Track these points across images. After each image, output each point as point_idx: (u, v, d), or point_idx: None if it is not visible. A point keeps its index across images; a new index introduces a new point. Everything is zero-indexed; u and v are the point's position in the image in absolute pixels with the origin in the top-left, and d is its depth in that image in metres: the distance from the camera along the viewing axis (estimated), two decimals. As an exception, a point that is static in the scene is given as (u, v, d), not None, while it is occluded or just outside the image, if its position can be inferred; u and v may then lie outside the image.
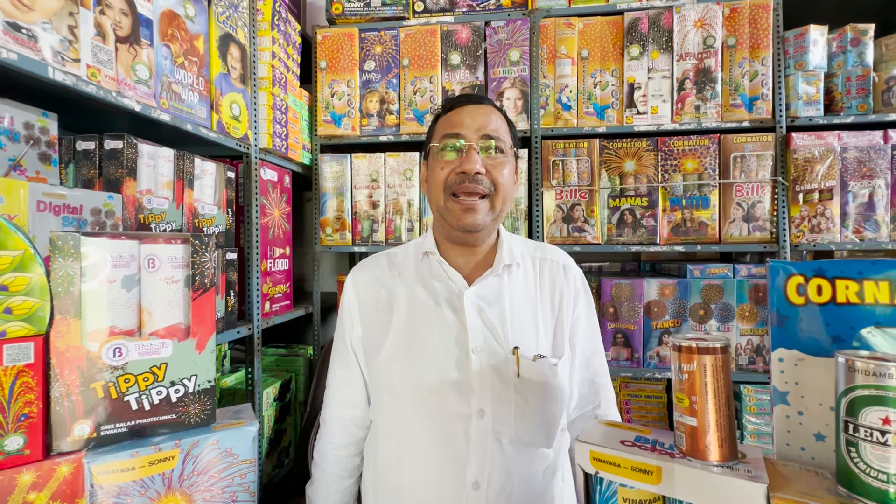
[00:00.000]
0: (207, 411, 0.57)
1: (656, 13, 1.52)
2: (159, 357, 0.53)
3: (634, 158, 1.55)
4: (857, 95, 1.45)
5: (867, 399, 0.38)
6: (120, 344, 0.51)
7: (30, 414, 0.46)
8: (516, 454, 0.68)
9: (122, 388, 0.52)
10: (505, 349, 0.71)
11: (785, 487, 0.40)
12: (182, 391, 0.55)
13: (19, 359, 0.45)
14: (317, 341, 1.73)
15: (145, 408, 0.53)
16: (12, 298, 0.45)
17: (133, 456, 0.50)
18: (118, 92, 0.95)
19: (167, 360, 0.54)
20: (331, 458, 0.81)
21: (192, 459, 0.54)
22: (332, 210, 1.69)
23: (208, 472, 0.54)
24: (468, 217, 0.72)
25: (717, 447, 0.44)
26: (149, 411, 0.53)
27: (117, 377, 0.51)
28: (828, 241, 1.45)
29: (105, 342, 0.51)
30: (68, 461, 0.48)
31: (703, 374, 0.44)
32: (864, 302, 0.44)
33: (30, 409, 0.46)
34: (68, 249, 0.49)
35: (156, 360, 0.53)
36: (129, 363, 0.52)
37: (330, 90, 1.68)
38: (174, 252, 0.55)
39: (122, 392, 0.52)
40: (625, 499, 0.46)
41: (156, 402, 0.53)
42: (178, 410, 0.55)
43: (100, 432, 0.51)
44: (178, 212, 1.08)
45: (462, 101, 0.78)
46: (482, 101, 0.78)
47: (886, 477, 0.36)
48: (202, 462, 0.54)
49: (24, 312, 0.46)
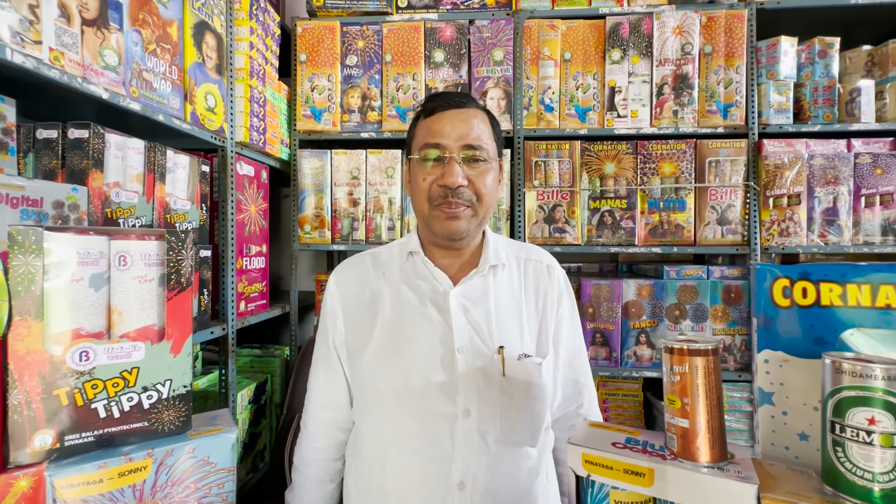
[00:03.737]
0: (182, 418, 0.54)
1: (637, 19, 1.55)
2: (130, 361, 0.50)
3: (614, 161, 1.57)
4: (823, 105, 1.52)
5: (853, 400, 0.39)
6: (87, 347, 0.48)
7: None
8: (501, 453, 0.68)
9: (89, 394, 0.48)
10: (490, 349, 0.70)
11: (774, 488, 0.40)
12: (155, 397, 0.51)
13: None
14: (294, 342, 1.69)
15: (114, 415, 0.49)
16: None
17: (100, 467, 0.47)
18: (84, 78, 0.90)
19: (139, 365, 0.50)
20: (312, 462, 0.79)
21: (166, 469, 0.50)
22: (311, 207, 1.65)
23: (183, 483, 0.51)
24: (452, 225, 0.71)
25: (709, 449, 0.44)
26: (118, 419, 0.49)
27: (83, 383, 0.48)
28: (795, 244, 1.51)
29: (70, 345, 0.47)
30: (27, 475, 0.44)
31: (695, 377, 0.44)
32: (847, 304, 0.46)
33: None
34: (29, 245, 0.45)
35: (126, 365, 0.50)
36: (97, 368, 0.48)
37: (310, 84, 1.63)
38: (148, 249, 0.51)
39: (89, 399, 0.48)
40: (617, 501, 0.46)
41: (126, 409, 0.50)
42: (151, 418, 0.52)
43: (63, 442, 0.47)
44: (148, 206, 1.03)
45: (443, 104, 0.74)
46: (464, 103, 0.75)
47: (872, 476, 0.37)
48: (177, 472, 0.51)
49: (-22, 314, 0.42)
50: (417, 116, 0.79)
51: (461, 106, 0.74)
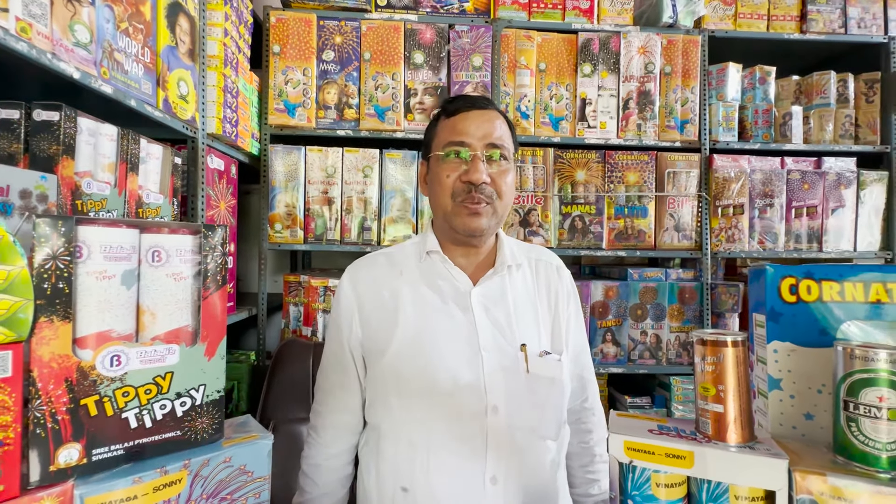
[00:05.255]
0: (216, 425, 0.50)
1: (606, 36, 1.65)
2: (164, 365, 0.45)
3: (585, 168, 1.66)
4: (762, 126, 1.70)
5: (864, 381, 0.45)
6: (118, 351, 0.42)
7: (5, 440, 0.36)
8: (528, 447, 0.70)
9: (120, 403, 0.43)
10: (512, 346, 0.72)
11: (799, 462, 0.46)
12: (189, 403, 0.47)
13: None
14: (262, 346, 1.61)
15: (146, 425, 0.44)
16: None
17: (135, 483, 0.42)
18: (53, 54, 0.81)
19: (173, 369, 0.45)
20: (324, 469, 0.76)
21: (202, 481, 0.46)
22: (282, 205, 1.58)
23: (219, 495, 0.47)
24: (474, 222, 0.72)
25: (741, 430, 0.49)
26: (150, 429, 0.44)
27: (114, 390, 0.42)
28: (739, 249, 1.68)
29: (100, 349, 0.42)
30: (52, 495, 0.39)
31: (728, 364, 0.49)
32: (845, 300, 0.53)
33: (5, 435, 0.36)
34: (58, 238, 0.39)
35: (160, 370, 0.45)
36: (129, 373, 0.43)
37: (284, 77, 1.57)
38: (182, 244, 0.47)
39: (120, 408, 0.43)
40: (657, 483, 0.50)
41: (158, 417, 0.45)
42: (184, 426, 0.47)
43: (91, 457, 0.42)
44: (120, 199, 0.94)
45: (467, 104, 0.77)
46: (487, 105, 0.78)
47: (881, 445, 0.44)
48: (212, 483, 0.47)
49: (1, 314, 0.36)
50: (437, 117, 0.80)
51: (484, 107, 0.77)
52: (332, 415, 0.77)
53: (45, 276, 0.39)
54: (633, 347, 1.67)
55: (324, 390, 0.79)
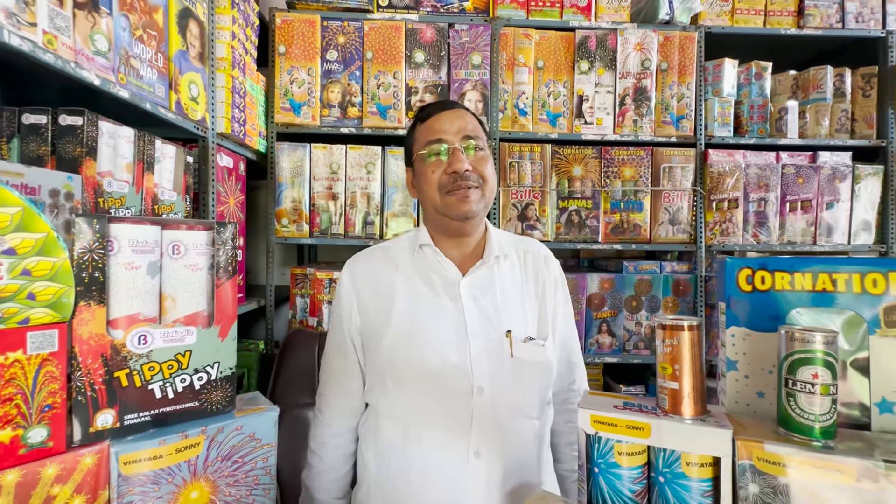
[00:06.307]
0: (228, 398, 0.57)
1: (603, 34, 1.69)
2: (184, 344, 0.52)
3: (581, 164, 1.70)
4: (758, 121, 1.73)
5: (801, 360, 0.50)
6: (145, 331, 0.49)
7: (53, 405, 0.43)
8: (511, 425, 0.76)
9: (147, 376, 0.50)
10: (499, 333, 0.78)
11: (743, 432, 0.51)
12: (205, 378, 0.54)
13: (43, 347, 0.42)
14: (270, 335, 1.68)
15: (169, 396, 0.51)
16: (36, 284, 0.42)
17: (160, 444, 0.49)
18: (76, 63, 0.87)
19: (191, 348, 0.52)
20: (329, 446, 0.83)
21: (217, 445, 0.53)
22: (288, 200, 1.65)
23: (232, 458, 0.54)
24: (464, 206, 0.78)
25: (693, 405, 0.54)
26: (172, 399, 0.52)
27: (142, 365, 0.49)
28: (733, 243, 1.72)
29: (129, 330, 0.49)
30: (92, 452, 0.46)
31: (683, 346, 0.55)
32: (794, 289, 0.58)
33: (53, 400, 0.43)
34: (93, 234, 0.46)
35: (180, 348, 0.52)
36: (154, 350, 0.50)
37: (289, 77, 1.63)
38: (198, 239, 0.53)
39: (147, 380, 0.50)
40: (620, 452, 0.56)
41: (179, 389, 0.52)
42: (202, 398, 0.54)
43: (123, 422, 0.49)
44: (137, 196, 1.01)
45: (437, 108, 0.85)
46: (454, 105, 0.86)
47: (814, 417, 0.49)
48: (226, 447, 0.54)
49: (47, 298, 0.43)
50: (414, 126, 0.87)
51: (454, 107, 0.85)
52: (335, 398, 0.84)
53: (83, 266, 0.45)
54: (628, 338, 1.73)
55: (327, 375, 0.86)
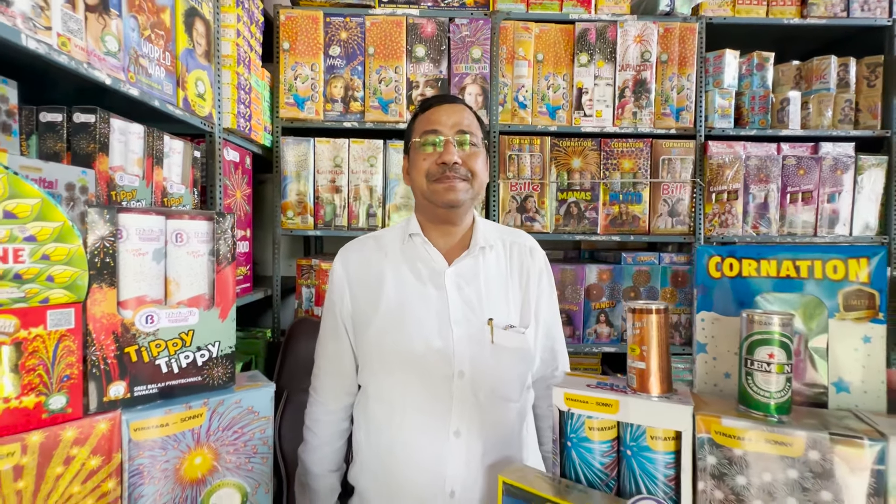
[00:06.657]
0: (228, 374, 0.62)
1: (603, 26, 1.70)
2: (187, 324, 0.57)
3: (580, 156, 1.72)
4: (759, 112, 1.73)
5: (760, 342, 0.53)
6: (151, 312, 0.55)
7: (71, 375, 0.49)
8: (490, 407, 0.80)
9: (154, 352, 0.55)
10: (481, 320, 0.82)
11: (704, 408, 0.55)
12: (207, 356, 0.59)
13: (61, 324, 0.47)
14: (276, 324, 1.74)
15: (174, 371, 0.57)
16: (54, 267, 0.47)
17: (167, 413, 0.54)
18: (88, 63, 0.92)
19: (194, 328, 0.58)
20: (323, 423, 0.89)
21: (218, 416, 0.58)
22: (293, 193, 1.70)
23: (232, 428, 0.60)
24: (451, 194, 0.82)
25: (659, 384, 0.58)
26: (177, 374, 0.57)
27: (149, 342, 0.55)
28: (732, 234, 1.73)
29: (138, 310, 0.54)
30: (106, 418, 0.51)
31: (650, 329, 0.58)
32: (760, 275, 0.60)
33: (71, 371, 0.49)
34: (104, 224, 0.51)
35: (184, 327, 0.57)
36: (160, 329, 0.56)
37: (293, 72, 1.67)
38: (199, 228, 0.58)
39: (154, 356, 0.55)
40: (590, 427, 0.59)
41: (183, 365, 0.57)
42: (204, 373, 0.59)
43: (133, 393, 0.54)
44: (147, 190, 1.07)
45: (438, 101, 0.89)
46: (455, 100, 0.89)
47: (769, 394, 0.52)
48: (227, 419, 0.59)
49: (64, 281, 0.48)
50: (415, 116, 0.91)
51: (453, 102, 0.88)
52: (328, 377, 0.89)
53: (95, 252, 0.50)
54: (625, 328, 1.75)
55: (322, 356, 0.91)
